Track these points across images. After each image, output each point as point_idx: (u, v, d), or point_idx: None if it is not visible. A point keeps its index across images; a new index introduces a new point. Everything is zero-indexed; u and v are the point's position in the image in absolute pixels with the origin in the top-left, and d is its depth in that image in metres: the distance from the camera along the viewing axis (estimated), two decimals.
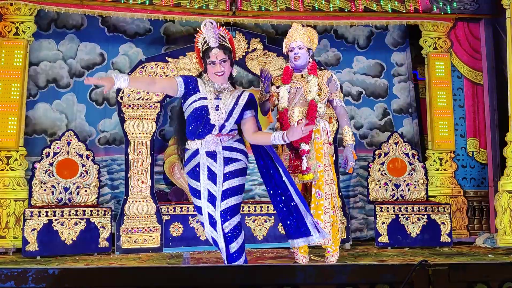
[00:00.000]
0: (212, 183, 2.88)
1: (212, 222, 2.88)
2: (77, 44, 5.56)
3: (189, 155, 2.98)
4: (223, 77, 2.97)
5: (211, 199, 2.87)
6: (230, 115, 2.94)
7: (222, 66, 2.93)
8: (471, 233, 5.60)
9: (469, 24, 5.85)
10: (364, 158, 5.86)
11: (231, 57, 3.01)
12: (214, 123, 2.90)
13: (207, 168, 2.89)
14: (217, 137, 2.92)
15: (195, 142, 2.94)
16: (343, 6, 5.57)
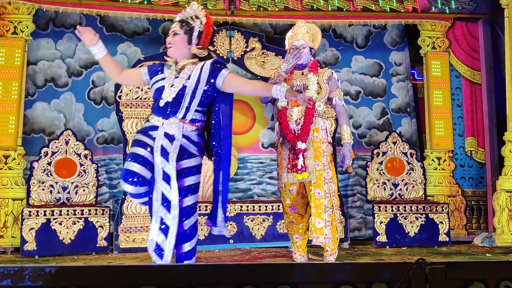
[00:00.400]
0: (166, 162, 2.73)
1: (165, 201, 2.71)
2: (75, 43, 5.55)
3: (148, 126, 2.85)
4: (173, 51, 2.85)
5: (165, 178, 2.71)
6: (194, 95, 2.78)
7: (172, 37, 2.84)
8: (469, 232, 5.61)
9: (467, 24, 5.85)
10: (362, 158, 5.87)
11: (191, 34, 2.84)
12: (166, 100, 2.76)
13: (161, 147, 2.74)
14: (180, 123, 2.79)
15: (158, 119, 2.81)
16: (342, 5, 5.57)
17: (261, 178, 5.68)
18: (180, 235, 2.77)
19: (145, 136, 2.80)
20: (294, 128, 3.61)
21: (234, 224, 5.09)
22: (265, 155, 5.71)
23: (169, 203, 2.69)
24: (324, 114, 3.73)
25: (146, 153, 2.74)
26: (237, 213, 5.12)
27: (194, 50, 2.85)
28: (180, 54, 2.86)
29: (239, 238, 5.07)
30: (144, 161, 2.72)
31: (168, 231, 2.70)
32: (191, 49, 2.85)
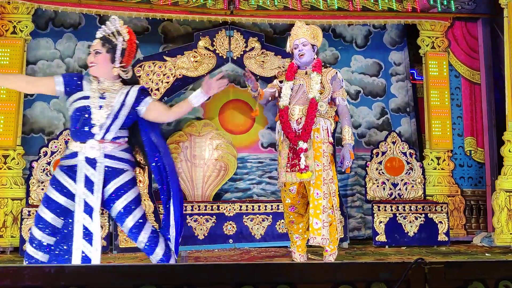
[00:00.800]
0: (89, 192, 2.62)
1: (87, 234, 2.60)
2: (74, 43, 5.55)
3: (69, 153, 2.72)
4: (96, 70, 2.74)
5: (87, 210, 2.61)
6: (116, 117, 2.71)
7: (94, 56, 2.73)
8: (469, 232, 5.62)
9: (466, 24, 5.86)
10: (362, 157, 5.87)
11: (114, 53, 2.74)
12: (95, 124, 2.66)
13: (85, 176, 2.63)
14: (100, 144, 2.67)
15: (77, 144, 2.69)
16: (341, 5, 5.57)
17: (261, 178, 5.69)
18: (143, 251, 2.74)
19: (65, 174, 2.66)
20: (295, 128, 3.60)
21: (234, 224, 5.09)
22: (264, 155, 5.71)
23: (91, 236, 2.60)
24: (326, 114, 3.71)
25: (63, 200, 2.63)
26: (237, 212, 5.12)
27: (116, 71, 2.76)
28: (103, 73, 2.76)
29: (238, 238, 5.07)
30: (58, 208, 2.62)
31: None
32: (113, 70, 2.76)
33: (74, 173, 2.66)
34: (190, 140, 5.56)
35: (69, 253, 2.61)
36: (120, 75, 2.79)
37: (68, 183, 2.65)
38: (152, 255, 2.72)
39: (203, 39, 5.24)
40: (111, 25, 2.77)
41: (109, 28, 2.76)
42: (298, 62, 3.73)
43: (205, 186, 5.53)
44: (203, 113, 5.76)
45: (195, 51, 5.21)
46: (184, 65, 5.17)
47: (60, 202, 2.62)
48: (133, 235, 2.70)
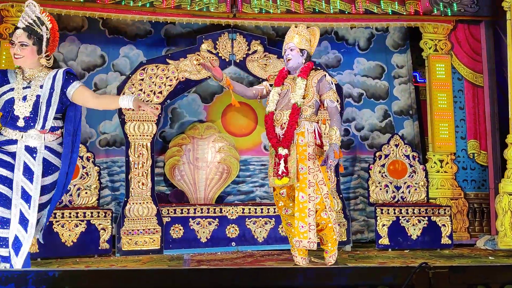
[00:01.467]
0: (28, 181, 2.70)
1: (23, 221, 2.67)
2: (77, 46, 5.56)
3: (2, 140, 2.78)
4: (22, 62, 2.80)
5: (25, 197, 2.68)
6: (49, 105, 2.77)
7: (20, 49, 2.76)
8: (472, 235, 5.60)
9: (469, 26, 5.85)
10: (365, 160, 5.87)
11: (40, 44, 2.79)
12: (18, 116, 2.71)
13: (24, 164, 2.71)
14: (41, 134, 2.76)
15: (15, 132, 2.76)
16: (344, 8, 5.57)
17: (263, 181, 5.69)
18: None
19: (3, 154, 2.73)
20: (279, 133, 3.64)
21: (236, 226, 5.09)
22: (267, 157, 5.66)
23: (27, 223, 2.67)
24: (313, 117, 3.70)
25: (8, 173, 2.71)
26: (239, 215, 5.11)
27: (44, 61, 2.83)
28: (29, 64, 2.82)
29: (241, 241, 5.06)
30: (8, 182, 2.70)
31: (19, 249, 2.67)
32: (41, 61, 2.82)
33: (11, 154, 2.74)
34: (193, 143, 5.57)
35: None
36: (44, 65, 2.85)
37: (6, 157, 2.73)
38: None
39: (206, 42, 5.25)
40: (31, 12, 2.78)
41: (30, 16, 2.77)
42: (286, 67, 3.79)
43: (207, 188, 5.53)
44: (206, 116, 5.77)
45: (198, 54, 5.22)
46: (187, 68, 5.18)
47: (5, 175, 2.70)
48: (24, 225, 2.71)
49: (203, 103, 5.79)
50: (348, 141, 5.98)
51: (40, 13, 2.79)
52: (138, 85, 5.03)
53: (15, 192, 2.68)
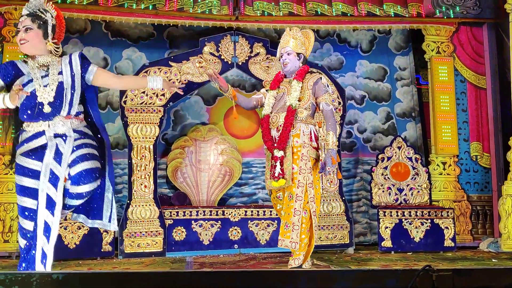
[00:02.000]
0: (57, 164, 2.67)
1: (51, 204, 2.65)
2: (80, 49, 5.58)
3: (29, 136, 2.74)
4: (28, 47, 2.73)
5: (52, 179, 2.65)
6: (74, 90, 2.75)
7: (24, 33, 2.70)
8: (475, 237, 5.58)
9: (472, 28, 5.84)
10: (367, 162, 5.87)
11: (46, 28, 2.75)
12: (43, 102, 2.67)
13: (56, 147, 2.69)
14: (67, 120, 2.74)
15: (40, 123, 2.71)
16: (346, 10, 5.57)
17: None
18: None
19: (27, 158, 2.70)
20: (275, 135, 3.63)
21: (239, 229, 5.08)
22: None
23: (54, 205, 2.65)
24: (309, 120, 3.68)
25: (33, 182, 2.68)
26: (242, 218, 5.11)
27: (51, 46, 2.76)
28: (37, 50, 2.74)
29: (243, 243, 5.06)
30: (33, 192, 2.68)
31: (49, 235, 2.65)
32: (48, 45, 2.75)
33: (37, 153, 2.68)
34: (195, 145, 5.57)
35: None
36: (52, 52, 2.78)
37: (34, 164, 2.69)
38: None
39: (208, 45, 5.26)
40: (36, 2, 2.76)
41: (33, 3, 2.75)
42: (283, 71, 3.79)
43: (210, 191, 5.53)
44: (208, 118, 5.78)
45: (201, 56, 5.23)
46: (189, 70, 5.19)
47: (32, 186, 2.67)
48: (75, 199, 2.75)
49: (206, 106, 5.79)
50: (351, 143, 5.98)
51: (45, 4, 2.79)
52: None
53: (43, 174, 2.63)
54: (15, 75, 2.72)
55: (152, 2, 5.26)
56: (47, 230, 2.65)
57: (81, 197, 2.76)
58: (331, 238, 5.16)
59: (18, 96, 2.59)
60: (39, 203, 2.64)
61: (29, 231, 2.69)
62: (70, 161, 2.71)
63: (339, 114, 5.34)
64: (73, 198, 2.76)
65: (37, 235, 2.64)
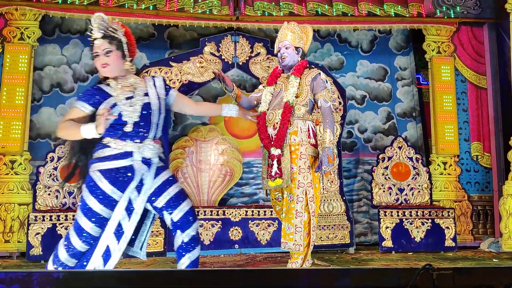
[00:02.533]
0: (137, 193, 2.62)
1: (118, 232, 2.59)
2: (81, 49, 5.59)
3: (115, 154, 2.62)
4: (110, 70, 2.68)
5: (129, 208, 2.60)
6: (160, 113, 2.73)
7: (106, 56, 2.66)
8: (476, 237, 5.58)
9: (472, 28, 5.84)
10: (368, 162, 5.87)
11: (122, 48, 2.70)
12: (127, 121, 2.61)
13: (141, 176, 2.62)
14: (155, 144, 2.70)
15: (125, 143, 2.63)
16: (346, 10, 5.58)
17: None
18: (180, 247, 2.67)
19: (105, 178, 2.58)
20: (272, 133, 3.48)
21: (239, 229, 5.08)
22: None
23: (122, 234, 2.59)
24: (307, 116, 3.53)
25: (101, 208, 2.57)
26: (242, 218, 5.11)
27: (128, 66, 2.73)
28: (117, 72, 2.71)
29: (244, 243, 5.06)
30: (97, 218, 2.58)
31: (108, 261, 2.58)
32: (126, 65, 2.72)
33: (118, 175, 2.59)
34: (196, 145, 5.57)
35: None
36: (129, 71, 2.74)
37: (110, 190, 2.58)
38: (187, 255, 2.67)
39: (209, 45, 5.26)
40: (102, 22, 2.69)
41: (102, 25, 2.68)
42: (280, 65, 3.64)
43: (210, 191, 5.53)
44: (209, 118, 5.78)
45: (201, 56, 5.23)
46: (190, 70, 5.19)
47: (97, 210, 2.55)
48: (175, 230, 2.68)
49: None
50: (351, 143, 5.98)
51: (110, 21, 2.74)
52: None
53: (122, 201, 2.58)
54: (101, 100, 2.67)
55: (153, 3, 5.27)
56: (108, 255, 2.60)
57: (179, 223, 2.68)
58: (332, 238, 5.16)
59: (105, 123, 2.52)
60: (108, 228, 2.58)
61: (75, 249, 2.58)
62: (153, 190, 2.67)
63: (339, 114, 5.34)
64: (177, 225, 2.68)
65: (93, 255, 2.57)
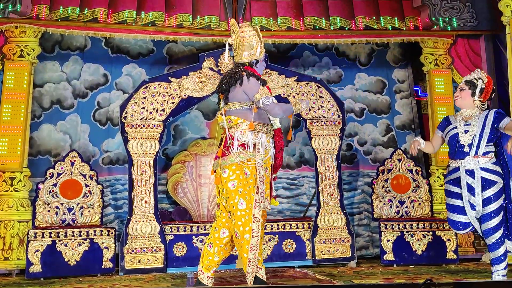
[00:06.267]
0: (472, 196, 3.61)
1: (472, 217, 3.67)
2: (81, 65, 5.62)
3: (451, 170, 3.77)
4: (460, 103, 3.77)
5: (473, 207, 3.63)
6: (481, 136, 3.61)
7: (458, 92, 3.79)
8: (477, 249, 5.54)
9: (469, 41, 5.88)
10: (368, 175, 5.86)
11: (474, 89, 3.76)
12: (463, 144, 3.63)
13: (467, 185, 3.63)
14: (475, 158, 3.61)
15: (456, 161, 3.70)
16: (344, 24, 5.62)
17: None
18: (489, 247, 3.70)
19: (452, 185, 3.73)
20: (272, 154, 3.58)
21: None
22: None
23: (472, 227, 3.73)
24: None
25: (459, 202, 3.69)
26: None
27: (476, 103, 3.73)
28: (464, 105, 3.75)
29: None
30: (460, 210, 3.68)
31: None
32: (474, 102, 3.72)
33: (458, 183, 3.70)
34: (196, 160, 5.57)
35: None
36: (478, 107, 3.73)
37: (456, 190, 3.71)
38: (494, 251, 3.63)
39: (207, 60, 5.29)
40: (474, 75, 3.81)
41: (474, 75, 3.80)
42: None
43: (210, 205, 5.52)
44: (208, 133, 5.79)
45: (200, 71, 5.26)
46: (189, 86, 5.21)
47: (458, 204, 3.70)
48: (485, 235, 3.64)
49: (205, 120, 5.81)
50: (351, 155, 5.98)
51: (481, 75, 3.79)
52: (140, 103, 5.06)
53: (465, 205, 3.65)
54: (447, 124, 3.85)
55: (152, 19, 5.32)
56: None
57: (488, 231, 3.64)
58: (333, 251, 5.13)
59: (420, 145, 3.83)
60: (469, 215, 3.67)
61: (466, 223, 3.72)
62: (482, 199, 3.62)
63: (338, 127, 5.35)
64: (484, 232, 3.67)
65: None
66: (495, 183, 3.60)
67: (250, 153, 3.32)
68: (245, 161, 3.31)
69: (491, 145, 3.66)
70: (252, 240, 3.27)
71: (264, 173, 3.37)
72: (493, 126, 3.63)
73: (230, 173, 3.34)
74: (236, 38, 3.52)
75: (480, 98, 3.72)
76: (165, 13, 5.37)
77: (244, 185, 3.31)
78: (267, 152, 3.39)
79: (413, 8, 5.82)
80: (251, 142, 3.34)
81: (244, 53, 3.53)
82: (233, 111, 3.41)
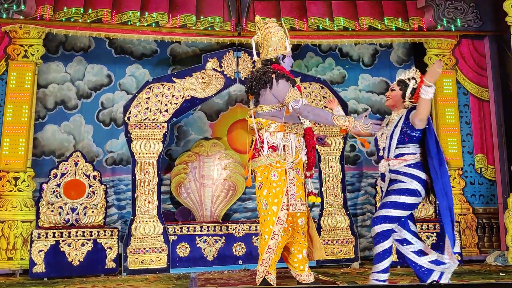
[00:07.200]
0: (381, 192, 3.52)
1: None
2: (84, 66, 5.63)
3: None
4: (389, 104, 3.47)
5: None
6: (391, 138, 3.27)
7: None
8: (482, 251, 5.52)
9: (473, 41, 5.86)
10: (372, 176, 5.85)
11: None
12: (380, 148, 3.34)
13: (380, 188, 3.53)
14: (386, 162, 3.29)
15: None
16: (347, 25, 5.61)
17: None
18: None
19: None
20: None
21: (243, 244, 5.05)
22: None
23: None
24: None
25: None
26: (246, 233, 5.08)
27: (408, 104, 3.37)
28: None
29: (248, 259, 5.02)
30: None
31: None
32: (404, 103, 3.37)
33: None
34: (199, 160, 5.57)
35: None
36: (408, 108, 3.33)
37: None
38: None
39: (211, 61, 5.29)
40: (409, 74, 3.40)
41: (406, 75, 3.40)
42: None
43: (214, 206, 5.51)
44: (212, 133, 5.79)
45: (203, 72, 5.26)
46: (192, 86, 5.21)
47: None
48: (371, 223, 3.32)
49: (209, 121, 5.81)
50: (355, 156, 5.97)
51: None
52: (144, 103, 5.06)
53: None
54: None
55: (155, 20, 5.33)
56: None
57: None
58: (336, 252, 5.12)
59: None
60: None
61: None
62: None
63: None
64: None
65: None
66: (404, 182, 3.20)
67: (280, 155, 3.33)
68: (274, 163, 3.32)
69: (408, 147, 3.20)
70: (270, 242, 3.31)
71: (295, 174, 3.34)
72: (404, 123, 3.21)
73: (258, 174, 3.39)
74: (262, 35, 3.51)
75: (411, 99, 3.31)
76: (168, 14, 5.37)
77: (269, 187, 3.32)
78: (297, 152, 3.38)
79: (417, 9, 5.81)
80: (281, 144, 3.34)
81: (269, 49, 3.50)
82: (262, 114, 3.43)
